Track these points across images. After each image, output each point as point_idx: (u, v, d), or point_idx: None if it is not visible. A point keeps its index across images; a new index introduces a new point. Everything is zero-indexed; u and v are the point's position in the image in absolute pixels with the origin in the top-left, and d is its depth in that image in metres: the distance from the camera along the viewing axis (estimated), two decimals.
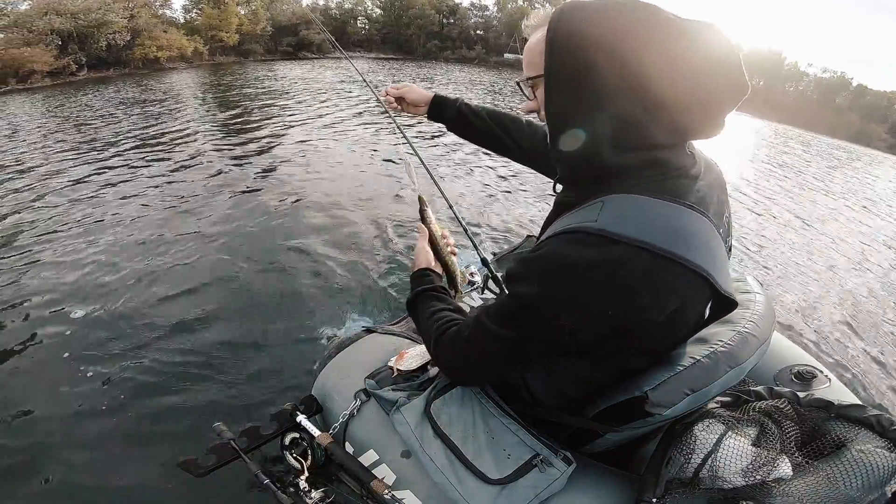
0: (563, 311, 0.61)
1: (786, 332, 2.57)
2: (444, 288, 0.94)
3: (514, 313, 0.66)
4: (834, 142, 23.43)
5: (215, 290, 2.62)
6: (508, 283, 0.67)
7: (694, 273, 0.58)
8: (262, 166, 4.99)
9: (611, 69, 0.56)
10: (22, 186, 4.40)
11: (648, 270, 0.56)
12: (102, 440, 1.64)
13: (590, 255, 0.58)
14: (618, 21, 0.56)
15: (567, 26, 0.58)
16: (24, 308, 2.47)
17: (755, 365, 0.81)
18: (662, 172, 0.63)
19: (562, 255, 0.61)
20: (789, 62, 39.57)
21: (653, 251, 0.56)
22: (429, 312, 0.86)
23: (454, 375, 0.87)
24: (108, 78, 18.02)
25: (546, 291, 0.61)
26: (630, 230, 0.57)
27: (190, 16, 27.53)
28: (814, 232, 4.71)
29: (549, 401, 0.82)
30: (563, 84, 0.61)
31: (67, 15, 18.92)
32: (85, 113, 8.77)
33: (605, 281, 0.58)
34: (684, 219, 0.60)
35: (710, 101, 0.59)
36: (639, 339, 0.65)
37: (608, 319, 0.60)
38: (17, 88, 15.43)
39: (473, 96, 13.43)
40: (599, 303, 0.59)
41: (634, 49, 0.55)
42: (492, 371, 0.80)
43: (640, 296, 0.58)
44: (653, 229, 0.57)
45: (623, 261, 0.57)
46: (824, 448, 0.72)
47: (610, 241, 0.58)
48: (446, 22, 39.94)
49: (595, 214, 0.61)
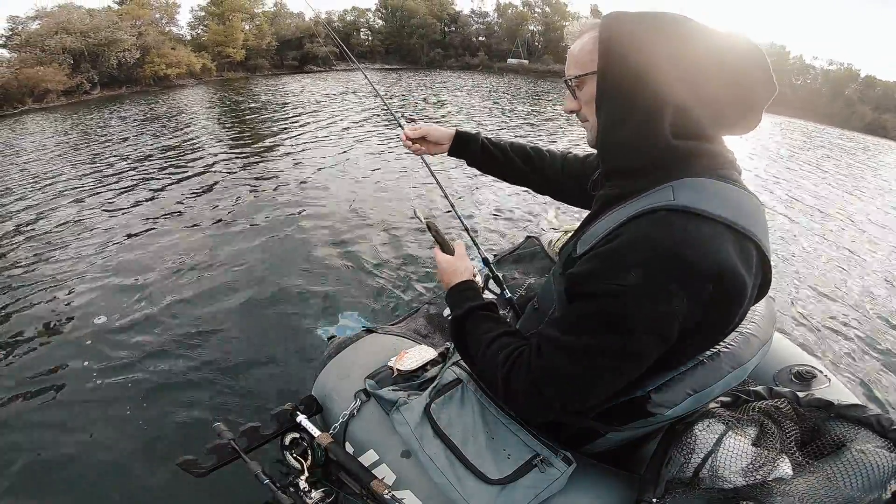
0: (674, 294, 0.56)
1: (786, 332, 2.57)
2: (496, 305, 0.83)
3: (616, 317, 0.59)
4: (845, 133, 23.12)
5: (216, 292, 2.62)
6: (590, 284, 0.62)
7: (763, 253, 0.62)
8: (268, 176, 5.01)
9: (666, 63, 0.60)
10: (41, 201, 4.48)
11: (740, 247, 0.59)
12: (102, 440, 1.64)
13: (683, 231, 0.57)
14: (663, 26, 0.62)
15: (620, 26, 0.63)
16: (31, 311, 2.50)
17: (756, 365, 0.81)
18: (719, 163, 0.66)
19: (652, 237, 0.58)
20: (794, 55, 38.95)
21: (737, 229, 0.59)
22: (487, 339, 0.75)
23: (550, 415, 0.70)
24: (120, 96, 18.13)
25: (650, 277, 0.57)
26: (714, 207, 0.59)
27: (196, 32, 27.77)
28: (814, 230, 4.71)
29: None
30: (619, 78, 0.63)
31: (77, 33, 19.11)
32: (101, 131, 8.90)
33: (708, 261, 0.56)
34: (754, 202, 0.65)
35: (748, 97, 0.64)
36: (726, 317, 0.63)
37: (711, 296, 0.57)
38: (34, 108, 15.68)
39: (475, 101, 13.44)
40: (708, 279, 0.56)
41: (681, 47, 0.60)
42: (601, 394, 0.66)
43: (738, 270, 0.58)
44: (733, 209, 0.60)
45: (716, 235, 0.57)
46: (824, 448, 0.72)
47: (698, 216, 0.58)
48: (448, 30, 39.73)
49: (669, 195, 0.61)
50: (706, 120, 0.64)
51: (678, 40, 0.61)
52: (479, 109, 11.53)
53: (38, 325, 2.34)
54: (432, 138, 1.12)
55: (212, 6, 27.45)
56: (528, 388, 0.66)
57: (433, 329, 1.46)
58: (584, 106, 0.72)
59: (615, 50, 0.62)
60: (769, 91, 0.63)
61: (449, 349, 1.14)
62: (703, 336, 0.67)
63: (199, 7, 28.08)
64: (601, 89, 0.66)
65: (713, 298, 0.58)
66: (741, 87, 0.62)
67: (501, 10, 40.46)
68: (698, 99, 0.62)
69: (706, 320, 0.61)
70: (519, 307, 1.18)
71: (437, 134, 1.12)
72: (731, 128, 0.67)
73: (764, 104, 0.64)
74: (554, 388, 0.64)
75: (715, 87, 0.61)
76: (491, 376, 0.72)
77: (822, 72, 37.80)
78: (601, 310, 0.60)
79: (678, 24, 0.61)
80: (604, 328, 0.60)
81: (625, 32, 0.62)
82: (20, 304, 2.53)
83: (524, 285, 1.40)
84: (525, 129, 8.92)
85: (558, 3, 38.73)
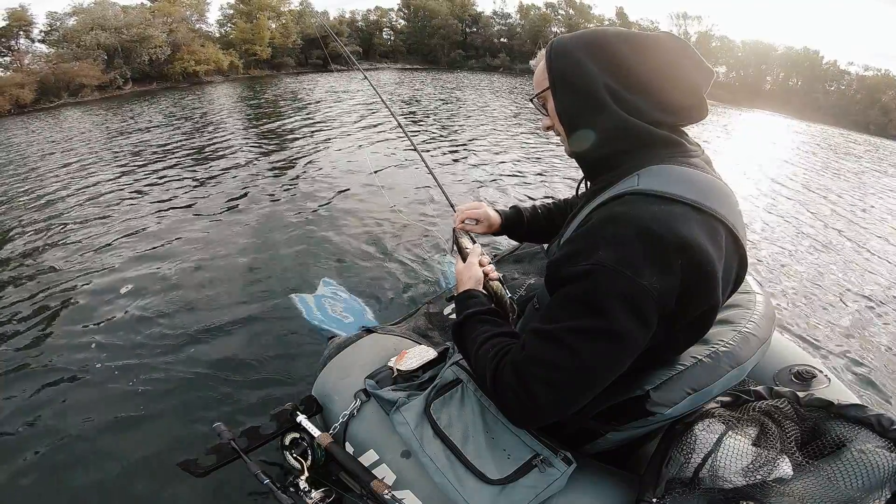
0: (645, 268, 0.57)
1: (785, 331, 2.57)
2: (497, 311, 0.85)
3: (591, 295, 0.59)
4: (878, 140, 22.73)
5: (217, 293, 2.62)
6: (563, 269, 0.63)
7: (735, 235, 0.64)
8: (287, 177, 4.99)
9: (593, 61, 0.69)
10: (66, 193, 4.66)
11: (707, 226, 0.61)
12: (102, 440, 1.63)
13: (649, 210, 0.60)
14: (592, 37, 0.71)
15: (559, 47, 0.73)
16: (31, 312, 2.50)
17: (756, 364, 0.81)
18: (683, 151, 0.70)
19: (619, 215, 0.61)
20: (827, 61, 38.07)
21: (703, 209, 0.61)
22: (481, 339, 0.75)
23: (542, 415, 0.66)
24: (151, 91, 18.39)
25: (618, 252, 0.58)
26: (678, 190, 0.62)
27: (224, 30, 28.03)
28: (815, 230, 4.71)
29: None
30: (564, 81, 0.72)
31: (112, 30, 19.52)
32: (134, 125, 9.12)
33: (672, 234, 0.58)
34: (722, 186, 0.68)
35: (686, 82, 0.69)
36: (702, 297, 0.62)
37: (681, 271, 0.58)
38: (69, 102, 16.16)
39: (489, 100, 13.41)
40: (675, 251, 0.58)
41: (609, 46, 0.69)
42: (591, 387, 0.63)
43: (704, 246, 0.59)
44: (697, 191, 0.63)
45: (680, 213, 0.60)
46: (824, 448, 0.72)
47: (662, 198, 0.61)
48: (469, 31, 39.71)
49: (634, 182, 0.66)
50: (650, 108, 0.69)
51: (597, 43, 0.70)
52: (496, 109, 11.54)
53: (38, 325, 2.34)
54: (483, 222, 1.15)
55: (240, 4, 27.75)
56: (514, 383, 0.64)
57: (433, 329, 1.46)
58: (553, 120, 0.78)
59: (554, 61, 0.73)
60: (704, 74, 0.69)
61: (449, 349, 1.14)
62: (684, 323, 0.65)
63: (228, 5, 28.44)
64: (555, 97, 0.74)
65: (683, 275, 0.58)
66: (672, 73, 0.68)
67: (524, 11, 40.32)
68: (630, 87, 0.69)
69: (681, 302, 0.60)
70: (519, 307, 1.18)
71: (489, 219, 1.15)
72: (680, 114, 0.71)
73: (703, 88, 0.70)
74: (538, 380, 0.62)
75: (644, 75, 0.68)
76: (482, 376, 0.73)
77: (857, 78, 36.98)
78: (576, 291, 0.61)
79: (599, 32, 0.71)
80: (580, 310, 0.60)
81: (561, 51, 0.72)
82: (19, 298, 2.53)
83: (524, 285, 1.40)
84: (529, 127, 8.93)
85: (582, 4, 38.75)
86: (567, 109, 0.73)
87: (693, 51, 0.68)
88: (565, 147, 0.79)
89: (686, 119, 0.72)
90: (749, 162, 8.21)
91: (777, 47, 39.95)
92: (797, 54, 38.65)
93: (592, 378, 0.62)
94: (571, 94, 0.72)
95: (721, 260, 0.62)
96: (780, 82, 39.36)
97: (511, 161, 6.01)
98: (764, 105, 32.92)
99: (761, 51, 39.44)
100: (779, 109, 32.11)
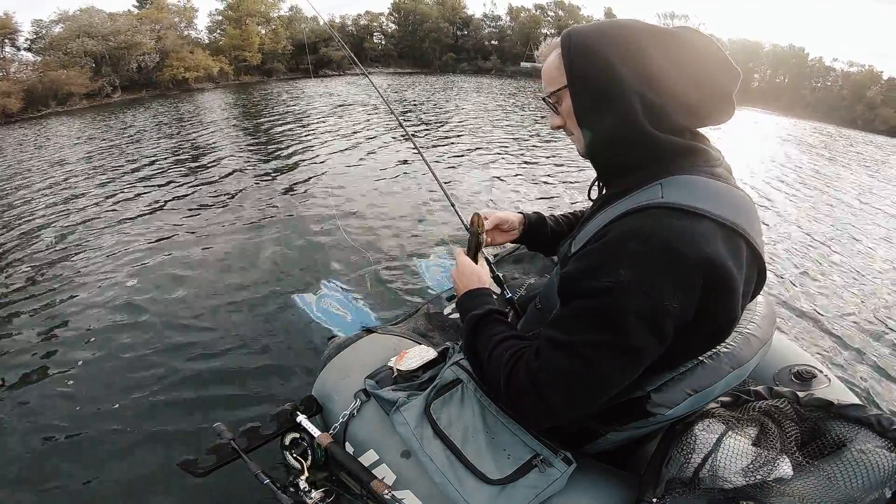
0: (666, 287, 0.57)
1: (786, 331, 2.57)
2: (506, 312, 0.84)
3: (612, 312, 0.59)
4: (867, 136, 22.62)
5: (217, 294, 2.62)
6: (584, 282, 0.62)
7: (756, 251, 0.63)
8: (285, 180, 5.02)
9: (624, 64, 0.64)
10: (59, 201, 4.60)
11: (729, 242, 0.60)
12: (102, 440, 1.64)
13: (672, 226, 0.58)
14: (613, 31, 0.66)
15: (577, 39, 0.68)
16: (30, 311, 2.49)
17: (756, 365, 0.81)
18: (705, 160, 0.68)
19: (643, 229, 0.59)
20: (813, 58, 38.14)
21: (726, 225, 0.60)
22: (497, 339, 0.75)
23: (554, 418, 0.68)
24: (141, 99, 18.22)
25: (641, 271, 0.57)
26: (702, 204, 0.60)
27: (214, 36, 27.89)
28: (816, 230, 4.70)
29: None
30: (588, 83, 0.67)
31: (99, 37, 19.28)
32: (123, 134, 9.05)
33: (697, 253, 0.56)
34: (745, 199, 0.66)
35: (714, 84, 0.66)
36: (721, 311, 0.62)
37: (702, 289, 0.58)
38: (57, 111, 15.96)
39: (483, 100, 13.42)
40: (698, 269, 0.57)
41: (639, 47, 0.64)
42: (604, 394, 0.65)
43: (727, 264, 0.58)
44: (722, 205, 0.61)
45: (704, 230, 0.58)
46: (824, 448, 0.72)
47: (687, 213, 0.59)
48: (460, 34, 39.63)
49: (658, 193, 0.63)
50: (676, 112, 0.65)
51: (635, 40, 0.65)
52: (491, 111, 11.53)
53: (37, 326, 2.34)
54: (505, 227, 1.07)
55: (229, 10, 27.63)
56: (529, 389, 0.65)
57: (433, 329, 1.46)
58: (566, 120, 0.74)
59: (575, 60, 0.67)
60: (732, 75, 0.66)
61: (449, 349, 1.13)
62: (701, 335, 0.66)
63: (217, 11, 28.35)
64: (574, 98, 0.69)
65: (704, 292, 0.58)
66: (700, 76, 0.65)
67: (514, 13, 40.32)
68: (659, 93, 0.64)
69: (700, 316, 0.60)
70: (519, 307, 1.17)
71: (509, 222, 1.07)
72: (706, 118, 0.68)
73: (731, 89, 0.66)
74: (553, 388, 0.63)
75: (673, 79, 0.64)
76: (495, 378, 0.72)
77: (843, 74, 36.98)
78: (595, 307, 0.60)
79: (626, 28, 0.66)
80: (599, 325, 0.60)
81: (580, 44, 0.67)
82: (20, 303, 2.53)
83: (524, 285, 1.40)
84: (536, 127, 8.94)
85: (571, 6, 38.72)
86: (588, 114, 0.69)
87: (721, 50, 0.65)
88: (578, 147, 0.76)
89: (712, 122, 0.70)
90: (745, 161, 8.22)
91: (764, 45, 40.04)
92: (783, 52, 38.72)
93: (607, 387, 0.64)
94: (596, 99, 0.67)
95: (742, 275, 0.61)
96: (768, 80, 39.40)
97: (506, 164, 6.01)
98: (753, 103, 32.76)
99: (749, 49, 39.42)
100: (767, 107, 32.12)
